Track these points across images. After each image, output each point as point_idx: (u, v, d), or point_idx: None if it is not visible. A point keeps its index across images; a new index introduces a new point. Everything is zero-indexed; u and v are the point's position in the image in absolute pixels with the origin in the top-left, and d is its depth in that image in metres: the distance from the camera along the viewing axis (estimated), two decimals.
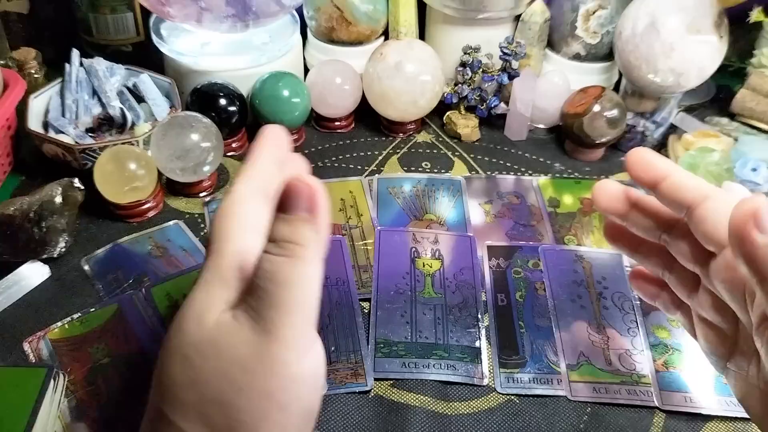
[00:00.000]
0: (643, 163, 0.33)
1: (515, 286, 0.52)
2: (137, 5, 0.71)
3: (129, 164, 0.54)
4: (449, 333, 0.48)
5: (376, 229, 0.56)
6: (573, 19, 0.68)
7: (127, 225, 0.57)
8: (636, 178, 0.34)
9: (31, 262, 0.52)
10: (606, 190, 0.36)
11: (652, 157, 0.33)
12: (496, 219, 0.59)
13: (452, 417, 0.44)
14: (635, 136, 0.67)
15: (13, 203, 0.51)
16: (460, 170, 0.65)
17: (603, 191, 0.36)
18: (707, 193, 0.31)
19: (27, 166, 0.63)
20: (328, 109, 0.67)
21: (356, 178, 0.62)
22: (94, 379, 0.44)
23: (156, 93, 0.64)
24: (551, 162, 0.66)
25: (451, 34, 0.70)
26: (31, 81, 0.66)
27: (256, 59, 0.65)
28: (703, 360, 0.47)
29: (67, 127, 0.60)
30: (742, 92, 0.67)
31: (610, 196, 0.35)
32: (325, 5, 0.68)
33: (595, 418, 0.44)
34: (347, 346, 0.47)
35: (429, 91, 0.65)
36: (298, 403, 0.27)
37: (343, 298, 0.50)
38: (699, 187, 0.32)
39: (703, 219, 0.31)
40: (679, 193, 0.32)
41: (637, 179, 0.34)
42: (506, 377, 0.46)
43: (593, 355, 0.47)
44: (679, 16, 0.59)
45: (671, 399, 0.45)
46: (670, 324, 0.50)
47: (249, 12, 0.61)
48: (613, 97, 0.64)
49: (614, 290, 0.52)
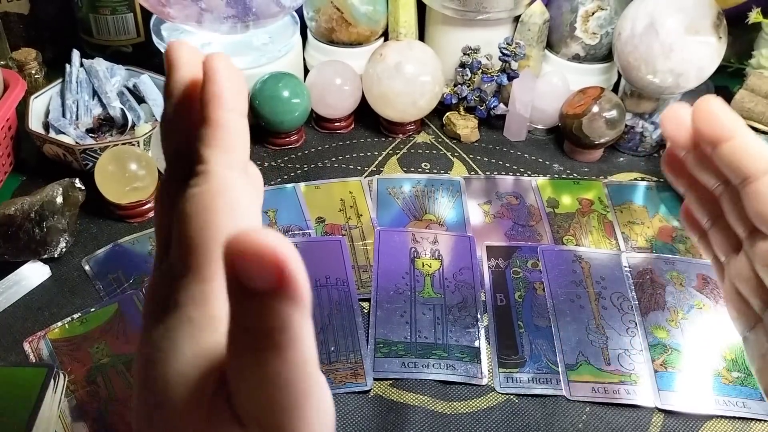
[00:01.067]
0: (710, 115, 0.29)
1: (514, 286, 0.53)
2: (138, 6, 0.71)
3: (130, 165, 0.54)
4: (448, 333, 0.49)
5: (375, 229, 0.57)
6: (572, 20, 0.68)
7: (128, 225, 0.57)
8: (698, 132, 0.30)
9: (32, 262, 0.52)
10: (676, 115, 0.31)
11: (720, 110, 0.29)
12: (495, 219, 0.59)
13: (452, 416, 0.44)
14: (634, 137, 0.67)
15: (14, 203, 0.51)
16: (459, 171, 0.65)
17: (672, 116, 0.31)
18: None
19: (28, 166, 0.63)
20: (327, 109, 0.67)
21: (356, 178, 0.62)
22: (94, 378, 0.44)
23: (156, 93, 0.64)
24: (550, 162, 0.66)
25: (451, 35, 0.70)
26: (31, 81, 0.66)
27: (257, 60, 0.65)
28: (701, 360, 0.47)
29: (68, 127, 0.60)
30: (741, 93, 0.67)
31: (678, 123, 0.31)
32: (325, 6, 0.68)
33: (593, 417, 0.44)
34: (347, 346, 0.47)
35: (428, 91, 0.65)
36: None
37: (343, 298, 0.50)
38: (765, 157, 0.28)
39: (757, 195, 0.28)
40: (739, 160, 0.28)
41: (698, 133, 0.30)
42: (505, 377, 0.46)
43: (592, 354, 0.48)
44: (678, 17, 0.59)
45: (670, 399, 0.45)
46: (668, 324, 0.50)
47: (249, 13, 0.62)
48: (612, 98, 0.64)
49: (613, 290, 0.52)
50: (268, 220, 0.57)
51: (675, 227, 0.59)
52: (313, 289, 0.51)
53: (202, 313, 0.21)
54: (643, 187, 0.63)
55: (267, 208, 0.58)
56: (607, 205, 0.61)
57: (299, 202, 0.59)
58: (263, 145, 0.67)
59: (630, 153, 0.68)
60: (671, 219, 0.60)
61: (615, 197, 0.62)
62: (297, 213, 0.58)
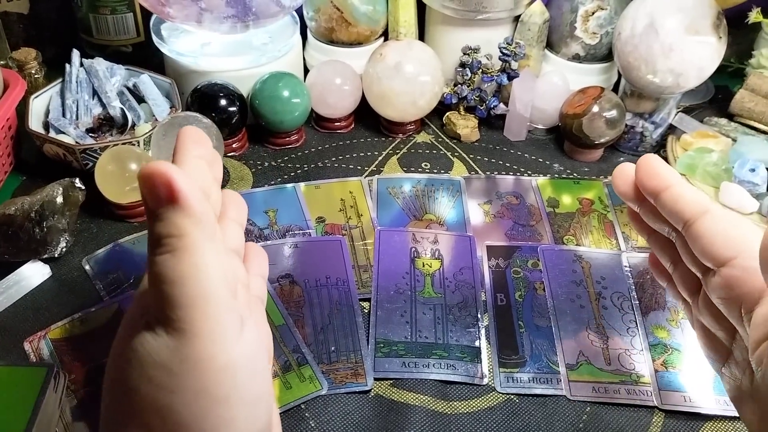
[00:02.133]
0: (648, 170, 0.33)
1: (514, 285, 0.53)
2: (137, 6, 0.71)
3: (130, 164, 0.54)
4: (449, 333, 0.49)
5: (376, 229, 0.57)
6: (572, 19, 0.68)
7: (128, 225, 0.57)
8: (640, 185, 0.34)
9: (32, 262, 0.52)
10: (623, 173, 0.35)
11: (658, 165, 0.33)
12: (495, 219, 0.59)
13: (452, 416, 0.44)
14: (634, 137, 0.67)
15: (14, 203, 0.51)
16: (459, 170, 0.65)
17: (620, 174, 0.35)
18: (706, 209, 0.31)
19: (28, 166, 0.63)
20: (327, 109, 0.67)
21: (356, 178, 0.62)
22: (94, 378, 0.44)
23: (156, 93, 0.64)
24: (550, 162, 0.66)
25: (451, 34, 0.70)
26: (31, 81, 0.66)
27: (256, 60, 0.65)
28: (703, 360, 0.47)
29: (68, 127, 0.60)
30: (741, 93, 0.67)
31: (626, 181, 0.35)
32: (325, 6, 0.68)
33: (594, 417, 0.44)
34: (347, 346, 0.47)
35: (428, 91, 0.65)
36: (237, 392, 0.26)
37: (343, 298, 0.50)
38: (698, 201, 0.32)
39: (699, 235, 0.31)
40: (677, 206, 0.32)
41: (641, 186, 0.34)
42: (506, 377, 0.46)
43: (592, 354, 0.48)
44: (678, 16, 0.59)
45: (670, 399, 0.45)
46: (669, 324, 0.50)
47: (249, 13, 0.62)
48: (612, 98, 0.64)
49: (613, 290, 0.52)
50: (268, 219, 0.57)
51: None
52: (314, 289, 0.51)
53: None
54: None
55: (267, 208, 0.58)
56: (608, 205, 0.61)
57: (299, 201, 0.59)
58: (263, 145, 0.67)
59: (630, 153, 0.68)
60: None
61: (615, 197, 0.62)
62: (297, 213, 0.58)
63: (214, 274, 0.26)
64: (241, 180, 0.62)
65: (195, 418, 0.25)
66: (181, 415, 0.25)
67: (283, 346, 0.47)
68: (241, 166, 0.64)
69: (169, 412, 0.25)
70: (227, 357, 0.26)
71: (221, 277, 0.26)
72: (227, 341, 0.26)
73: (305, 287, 0.51)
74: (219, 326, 0.25)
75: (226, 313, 0.26)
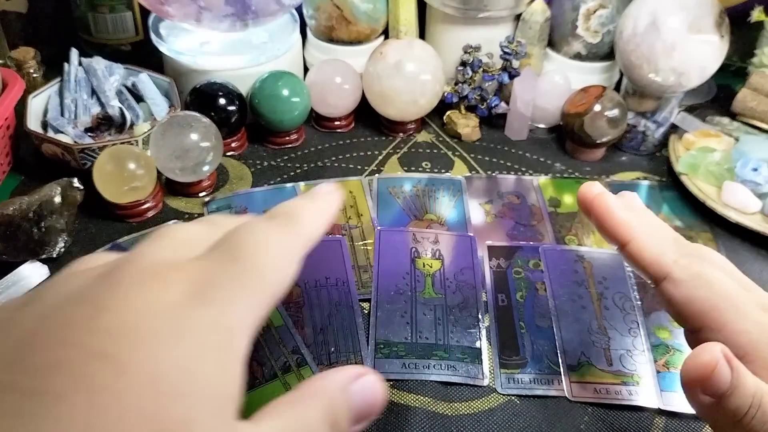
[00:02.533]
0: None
1: (516, 286, 0.52)
2: (136, 4, 0.71)
3: (128, 164, 0.54)
4: (449, 333, 0.48)
5: (376, 229, 0.56)
6: (574, 18, 0.67)
7: (127, 225, 0.56)
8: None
9: (31, 262, 0.52)
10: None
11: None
12: (496, 219, 0.59)
13: (453, 418, 0.44)
14: (636, 136, 0.67)
15: (12, 203, 0.51)
16: (460, 170, 0.64)
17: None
18: (632, 236, 0.37)
19: (26, 165, 0.63)
20: (327, 108, 0.67)
21: (356, 177, 0.62)
22: None
23: (155, 92, 0.64)
24: (552, 162, 0.66)
25: (452, 33, 0.69)
26: (29, 80, 0.66)
27: (256, 58, 0.65)
28: None
29: (66, 126, 0.60)
30: (744, 92, 0.67)
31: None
32: (325, 4, 0.68)
33: (595, 418, 0.44)
34: (347, 347, 0.47)
35: (429, 90, 0.65)
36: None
37: (343, 299, 0.50)
38: (627, 223, 0.37)
39: (630, 255, 0.37)
40: (605, 225, 0.38)
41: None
42: (507, 378, 0.46)
43: (594, 355, 0.47)
44: (680, 15, 0.59)
45: (672, 400, 0.45)
46: (671, 324, 0.49)
47: (248, 11, 0.61)
48: (614, 97, 0.64)
49: (615, 290, 0.52)
50: None
51: (678, 227, 0.58)
52: (313, 289, 0.51)
53: None
54: (646, 187, 0.63)
55: (267, 207, 0.58)
56: None
57: None
58: (263, 145, 0.66)
59: (632, 152, 0.68)
60: (674, 218, 0.59)
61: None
62: None
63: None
64: (241, 179, 0.62)
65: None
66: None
67: (283, 347, 0.46)
68: (241, 166, 0.64)
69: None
70: None
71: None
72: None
73: (305, 288, 0.51)
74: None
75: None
